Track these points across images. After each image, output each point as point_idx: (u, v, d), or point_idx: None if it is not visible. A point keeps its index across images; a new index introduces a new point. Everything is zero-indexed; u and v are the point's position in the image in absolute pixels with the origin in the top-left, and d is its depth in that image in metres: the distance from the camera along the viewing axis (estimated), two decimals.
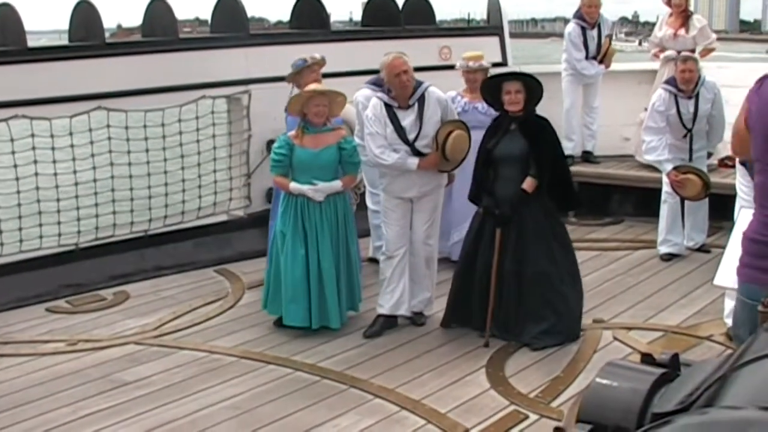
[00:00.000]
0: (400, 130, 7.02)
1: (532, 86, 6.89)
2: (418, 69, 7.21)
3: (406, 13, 11.06)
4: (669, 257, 9.09)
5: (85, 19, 9.08)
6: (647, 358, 2.07)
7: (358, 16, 12.17)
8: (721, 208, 8.71)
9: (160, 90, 9.03)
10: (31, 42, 8.68)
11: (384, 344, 7.03)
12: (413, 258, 7.33)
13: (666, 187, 8.95)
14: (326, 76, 8.14)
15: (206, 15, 11.33)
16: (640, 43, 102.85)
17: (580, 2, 10.95)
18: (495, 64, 9.79)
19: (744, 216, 4.40)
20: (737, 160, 7.21)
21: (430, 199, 7.26)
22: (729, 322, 6.45)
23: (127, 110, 8.78)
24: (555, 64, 11.38)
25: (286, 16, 11.06)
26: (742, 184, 6.98)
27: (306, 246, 7.09)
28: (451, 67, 9.08)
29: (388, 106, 7.05)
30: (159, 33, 9.44)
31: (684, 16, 10.66)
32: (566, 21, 11.17)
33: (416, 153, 7.03)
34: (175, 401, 6.06)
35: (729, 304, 6.55)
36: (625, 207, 10.78)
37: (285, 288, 7.15)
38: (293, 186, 7.11)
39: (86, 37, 9.02)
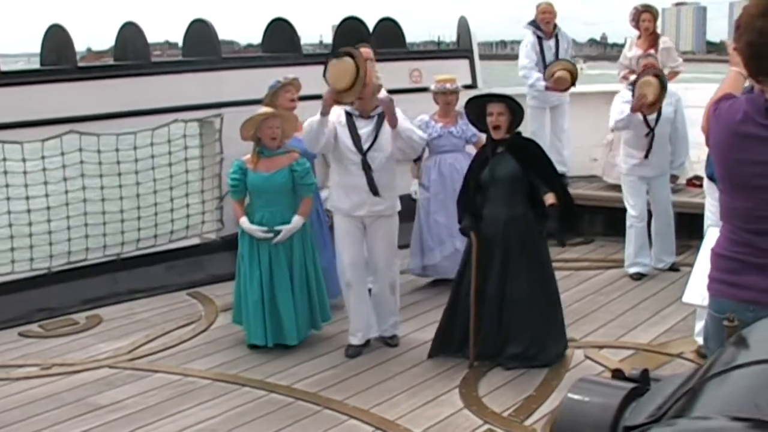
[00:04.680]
0: (355, 138, 7.06)
1: (515, 109, 6.85)
2: (388, 92, 7.25)
3: (376, 35, 11.09)
4: (639, 276, 9.16)
5: (56, 42, 9.08)
6: (618, 374, 2.11)
7: (328, 39, 12.23)
8: (690, 226, 8.81)
9: (132, 114, 9.02)
10: (5, 66, 8.66)
11: (357, 365, 7.05)
12: (376, 285, 7.36)
13: (632, 211, 9.01)
14: (299, 98, 8.19)
15: (176, 38, 11.39)
16: None
17: (536, 11, 10.95)
18: (465, 87, 9.85)
19: (712, 234, 4.47)
20: (705, 179, 7.30)
21: (383, 224, 7.19)
22: (700, 340, 6.50)
23: (99, 134, 8.77)
24: (524, 86, 11.41)
25: (256, 39, 11.11)
26: (710, 203, 7.05)
27: (260, 268, 7.24)
28: (423, 90, 9.13)
29: (348, 114, 7.13)
30: (131, 57, 9.44)
31: (652, 38, 10.78)
32: None
33: (366, 164, 7.05)
34: (150, 424, 6.05)
35: (699, 323, 6.61)
36: (595, 227, 10.84)
37: (245, 308, 7.32)
38: (243, 222, 7.29)
39: (58, 61, 9.01)
